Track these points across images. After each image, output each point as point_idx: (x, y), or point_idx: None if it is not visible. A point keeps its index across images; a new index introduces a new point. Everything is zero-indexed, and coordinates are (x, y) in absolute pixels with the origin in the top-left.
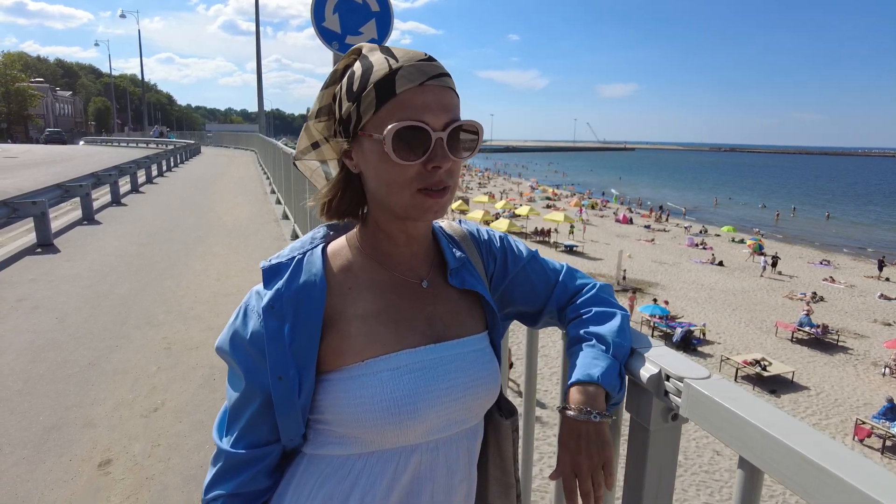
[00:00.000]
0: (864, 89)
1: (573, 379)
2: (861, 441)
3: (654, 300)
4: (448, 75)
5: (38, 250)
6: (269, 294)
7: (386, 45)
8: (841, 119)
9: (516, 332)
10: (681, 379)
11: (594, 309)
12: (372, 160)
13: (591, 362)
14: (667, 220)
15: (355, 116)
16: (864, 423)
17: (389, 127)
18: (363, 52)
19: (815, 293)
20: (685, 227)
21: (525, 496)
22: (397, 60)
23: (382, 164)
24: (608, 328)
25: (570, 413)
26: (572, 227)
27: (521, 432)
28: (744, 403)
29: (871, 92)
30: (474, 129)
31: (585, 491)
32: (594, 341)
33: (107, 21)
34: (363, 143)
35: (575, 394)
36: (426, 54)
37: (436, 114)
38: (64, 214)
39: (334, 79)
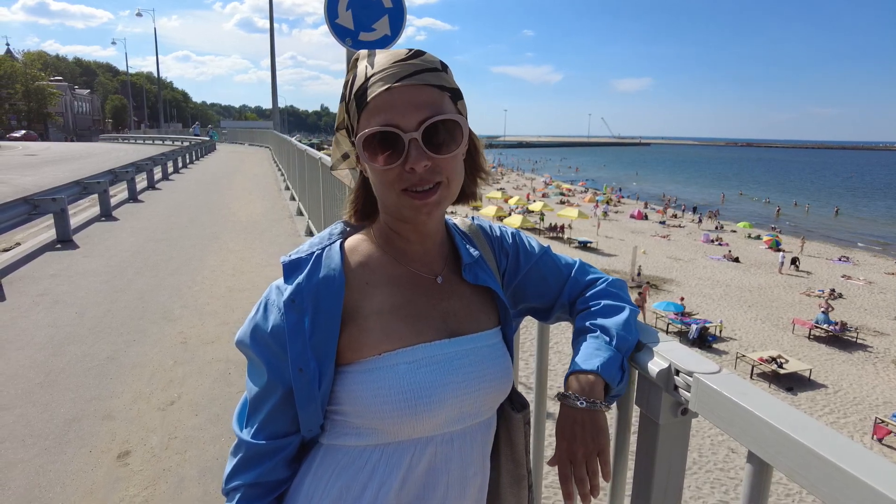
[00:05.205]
0: (882, 82)
1: (572, 367)
2: (880, 440)
3: (682, 300)
4: (429, 70)
5: (58, 246)
6: (289, 288)
7: (385, 44)
8: (860, 113)
9: (529, 328)
10: (690, 373)
11: (602, 302)
12: (365, 165)
13: (592, 353)
14: (689, 213)
15: (350, 125)
16: (883, 421)
17: (359, 135)
18: (358, 60)
19: (833, 290)
20: (698, 222)
21: (536, 488)
22: (374, 66)
23: (370, 168)
24: (614, 321)
25: (566, 400)
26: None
27: (532, 426)
28: (753, 398)
29: (891, 85)
30: (455, 123)
31: (580, 477)
32: (598, 332)
33: (126, 20)
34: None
35: (573, 382)
36: (410, 51)
37: (406, 114)
38: (82, 211)
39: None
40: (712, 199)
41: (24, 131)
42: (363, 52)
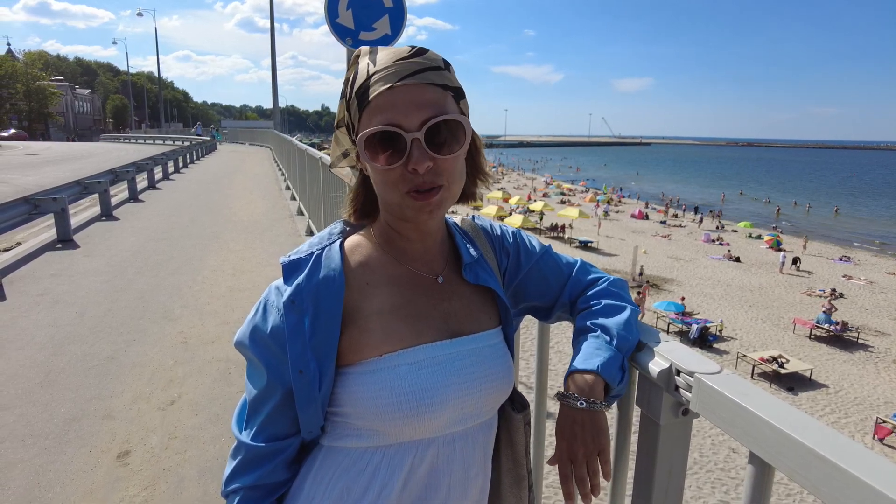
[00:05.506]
0: (882, 82)
1: (572, 367)
2: (881, 440)
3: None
4: (432, 69)
5: (59, 246)
6: (289, 289)
7: (385, 43)
8: (860, 113)
9: (529, 328)
10: (691, 374)
11: (603, 301)
12: (366, 165)
13: (592, 352)
14: (691, 214)
15: (350, 123)
16: (884, 421)
17: (360, 135)
18: (359, 57)
19: (834, 290)
20: (699, 221)
21: (537, 488)
22: (375, 64)
23: (371, 168)
24: (615, 321)
25: (566, 400)
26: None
27: (532, 426)
28: (754, 398)
29: (891, 85)
30: (459, 124)
31: (580, 476)
32: (599, 332)
33: (127, 20)
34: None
35: (572, 382)
36: (412, 49)
37: (408, 114)
38: (83, 210)
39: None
40: (713, 198)
41: (12, 130)
42: (365, 48)
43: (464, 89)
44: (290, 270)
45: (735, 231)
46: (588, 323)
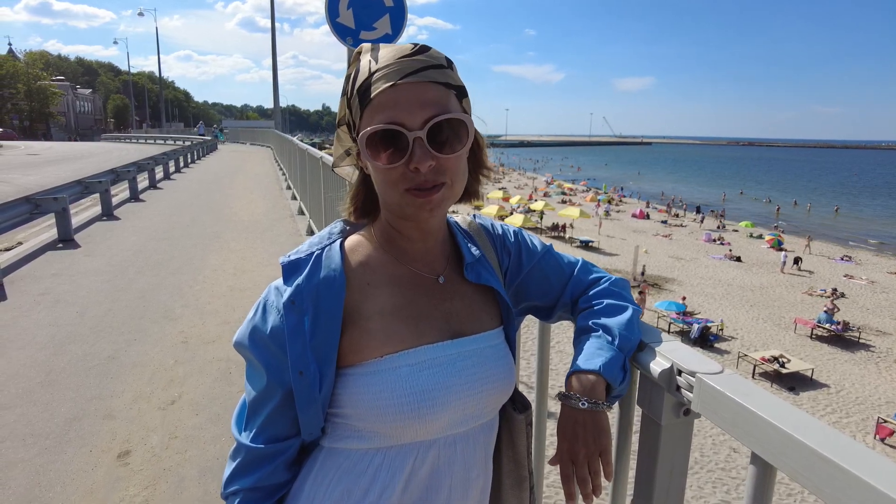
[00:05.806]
0: (885, 81)
1: (574, 367)
2: (882, 440)
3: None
4: (435, 67)
5: (60, 245)
6: (289, 290)
7: (385, 43)
8: (862, 112)
9: (530, 328)
10: (693, 374)
11: (605, 301)
12: (367, 163)
13: (594, 352)
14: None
15: (351, 121)
16: (885, 421)
17: (362, 133)
18: (360, 54)
19: (835, 289)
20: (700, 221)
21: (538, 489)
22: (377, 62)
23: (372, 167)
24: (616, 320)
25: (567, 401)
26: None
27: (533, 426)
28: (756, 399)
29: (894, 83)
30: (461, 123)
31: (582, 477)
32: (601, 332)
33: (128, 20)
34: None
35: (574, 382)
36: (414, 47)
37: (411, 112)
38: (84, 210)
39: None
40: (713, 198)
41: (0, 129)
42: (366, 45)
43: (466, 88)
44: (289, 271)
45: (736, 231)
46: (590, 322)
